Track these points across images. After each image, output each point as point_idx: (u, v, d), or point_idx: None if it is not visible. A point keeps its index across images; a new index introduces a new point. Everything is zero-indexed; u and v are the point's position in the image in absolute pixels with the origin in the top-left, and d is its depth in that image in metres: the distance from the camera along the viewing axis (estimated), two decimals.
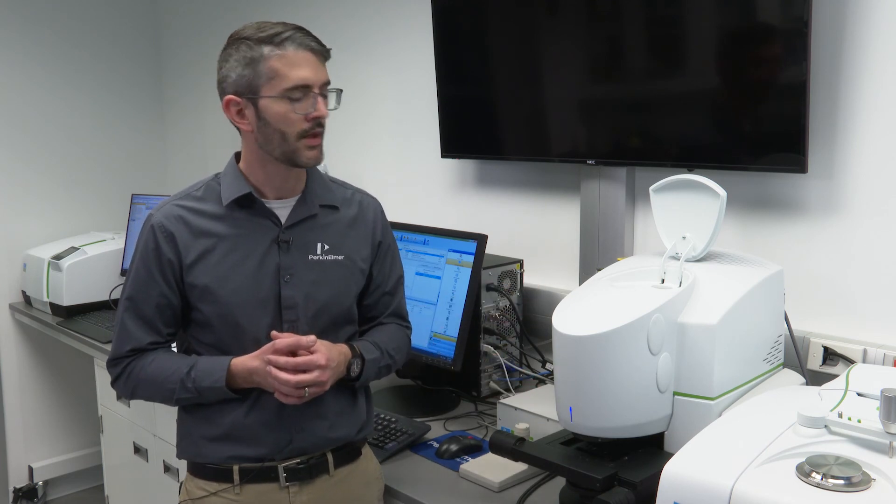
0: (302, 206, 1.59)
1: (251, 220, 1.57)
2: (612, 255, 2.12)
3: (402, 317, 1.76)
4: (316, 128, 1.50)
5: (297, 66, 1.47)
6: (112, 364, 1.60)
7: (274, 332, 1.51)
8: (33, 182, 3.57)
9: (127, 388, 1.60)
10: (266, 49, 1.47)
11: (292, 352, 1.49)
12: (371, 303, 1.71)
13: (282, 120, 1.49)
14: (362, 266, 1.65)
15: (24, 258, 3.45)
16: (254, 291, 1.55)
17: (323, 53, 1.51)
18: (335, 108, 1.55)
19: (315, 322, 1.58)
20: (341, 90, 1.57)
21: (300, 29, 1.51)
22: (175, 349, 1.65)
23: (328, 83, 1.52)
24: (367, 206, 1.69)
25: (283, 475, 1.57)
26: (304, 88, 1.48)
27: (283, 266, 1.56)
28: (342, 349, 1.57)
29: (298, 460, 1.58)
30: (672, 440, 1.44)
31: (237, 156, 1.61)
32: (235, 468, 1.57)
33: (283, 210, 1.58)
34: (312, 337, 1.50)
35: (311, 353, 1.49)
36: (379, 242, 1.69)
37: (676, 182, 1.57)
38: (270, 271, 1.55)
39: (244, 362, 1.51)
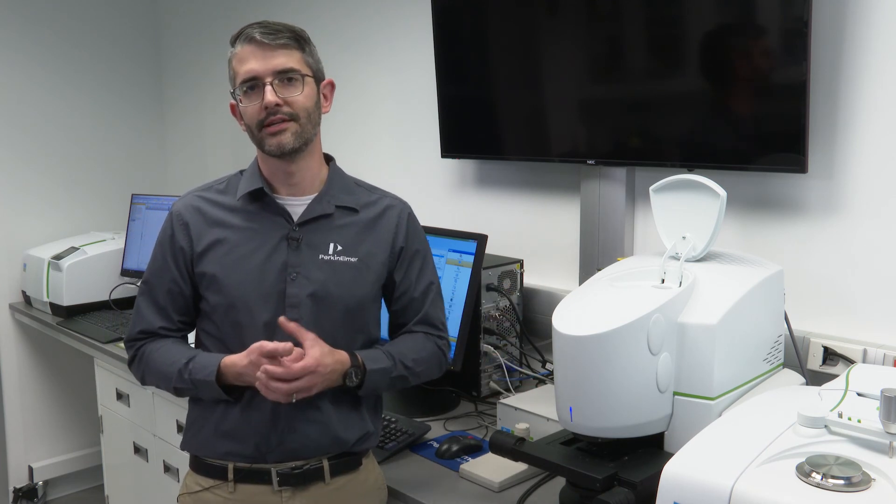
0: (317, 204, 1.59)
1: (263, 215, 1.58)
2: (612, 255, 2.11)
3: (433, 325, 1.68)
4: (270, 116, 1.50)
5: (244, 62, 1.51)
6: (127, 345, 1.65)
7: (264, 343, 1.46)
8: (33, 182, 3.57)
9: (138, 373, 1.64)
10: (230, 51, 1.55)
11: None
12: (399, 309, 1.68)
13: (246, 114, 1.54)
14: (378, 270, 1.61)
15: (24, 258, 3.44)
16: (257, 285, 1.55)
17: (270, 42, 1.49)
18: (300, 93, 1.52)
19: (320, 323, 1.55)
20: (305, 74, 1.53)
21: (260, 23, 1.52)
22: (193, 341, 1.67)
23: (283, 70, 1.50)
24: (392, 211, 1.65)
25: (275, 479, 1.56)
26: (253, 80, 1.51)
27: (290, 263, 1.55)
28: (340, 357, 1.52)
29: (293, 465, 1.57)
30: (672, 440, 1.44)
31: None
32: (230, 466, 1.57)
33: (298, 208, 1.59)
34: (300, 350, 1.46)
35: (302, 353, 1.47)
36: (401, 248, 1.64)
37: (676, 182, 1.57)
38: (276, 267, 1.55)
39: (234, 361, 1.51)
